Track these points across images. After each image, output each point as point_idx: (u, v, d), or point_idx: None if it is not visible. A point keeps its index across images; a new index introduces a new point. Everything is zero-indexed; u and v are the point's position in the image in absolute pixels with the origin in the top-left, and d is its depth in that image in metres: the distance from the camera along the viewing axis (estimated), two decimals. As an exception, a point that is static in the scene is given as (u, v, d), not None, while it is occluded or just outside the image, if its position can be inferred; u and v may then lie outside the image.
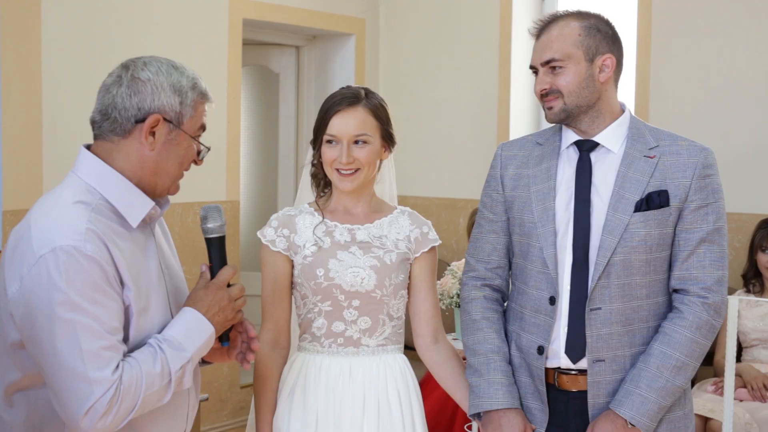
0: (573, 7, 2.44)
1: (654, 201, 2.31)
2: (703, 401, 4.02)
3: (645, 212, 2.31)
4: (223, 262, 2.14)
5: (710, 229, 2.33)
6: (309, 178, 2.58)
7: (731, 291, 4.41)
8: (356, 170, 2.44)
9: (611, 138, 2.39)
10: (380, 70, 5.95)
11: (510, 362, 2.44)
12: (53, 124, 4.27)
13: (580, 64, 2.33)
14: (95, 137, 2.05)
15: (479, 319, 2.45)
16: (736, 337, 3.44)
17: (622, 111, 2.43)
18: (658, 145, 2.37)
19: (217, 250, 2.14)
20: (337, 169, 2.44)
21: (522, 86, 5.50)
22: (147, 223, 2.08)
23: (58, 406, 1.90)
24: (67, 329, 1.85)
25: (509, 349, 2.45)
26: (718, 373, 4.16)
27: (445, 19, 5.68)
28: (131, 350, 1.97)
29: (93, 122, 2.04)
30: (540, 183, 2.40)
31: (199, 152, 2.09)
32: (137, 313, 1.97)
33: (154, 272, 2.07)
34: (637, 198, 2.32)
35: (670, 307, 2.39)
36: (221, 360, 2.28)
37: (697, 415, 3.95)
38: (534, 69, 2.40)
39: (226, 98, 5.03)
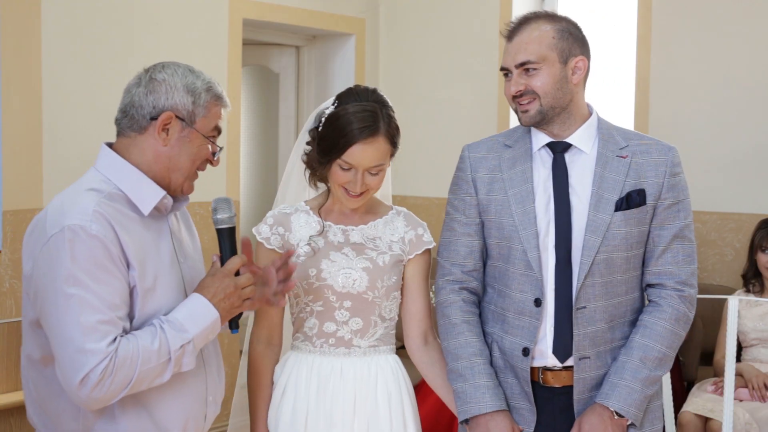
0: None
1: (634, 200, 2.36)
2: (703, 401, 4.02)
3: (625, 211, 2.35)
4: (233, 253, 2.23)
5: (682, 225, 2.39)
6: (299, 167, 2.56)
7: (731, 291, 4.42)
8: (365, 191, 2.44)
9: (582, 139, 2.41)
10: (380, 70, 5.95)
11: (492, 364, 2.44)
12: (53, 124, 4.27)
13: (555, 65, 2.34)
14: (117, 134, 2.20)
15: (459, 323, 2.45)
16: (736, 337, 3.45)
17: (590, 113, 2.45)
18: (627, 145, 2.41)
19: (226, 241, 2.23)
20: (345, 189, 2.43)
21: (522, 86, 5.50)
22: (162, 213, 2.20)
23: (60, 376, 2.02)
24: (68, 302, 1.97)
25: (491, 351, 2.45)
26: (718, 373, 4.16)
27: (445, 19, 5.68)
28: (137, 329, 2.08)
29: (116, 120, 2.19)
30: (517, 186, 2.41)
31: (213, 153, 2.21)
32: (142, 293, 2.08)
33: (166, 258, 2.18)
34: (616, 197, 2.35)
35: (642, 301, 2.45)
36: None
37: (697, 415, 3.96)
38: (505, 71, 2.41)
39: (226, 98, 5.02)
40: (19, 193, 4.15)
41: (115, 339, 2.00)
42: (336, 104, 2.45)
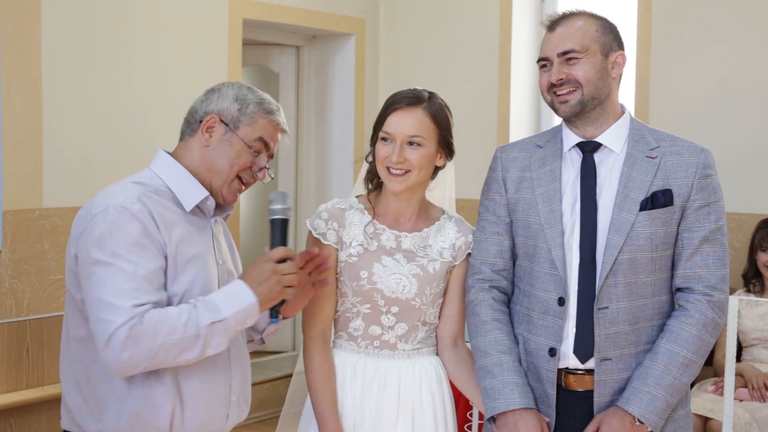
0: (574, 7, 2.46)
1: (659, 200, 2.34)
2: (703, 401, 4.02)
3: (650, 211, 2.33)
4: (282, 244, 2.28)
5: (712, 228, 2.36)
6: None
7: (731, 291, 4.42)
8: (406, 172, 2.42)
9: (613, 138, 2.40)
10: (380, 70, 5.95)
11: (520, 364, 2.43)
12: (53, 124, 4.27)
13: (597, 56, 2.36)
14: (179, 140, 2.37)
15: (489, 321, 2.44)
16: (736, 337, 3.45)
17: (623, 112, 2.45)
18: (659, 146, 2.40)
19: (277, 231, 2.29)
20: (388, 168, 2.43)
21: (522, 87, 5.50)
22: (205, 214, 2.33)
23: (95, 341, 2.12)
24: (105, 271, 2.11)
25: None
26: (718, 373, 4.16)
27: (445, 20, 5.68)
28: (169, 305, 2.17)
29: (181, 129, 2.36)
30: (545, 185, 2.41)
31: (257, 166, 2.31)
32: (173, 268, 2.19)
33: (205, 250, 2.29)
34: (641, 197, 2.34)
35: (672, 305, 2.41)
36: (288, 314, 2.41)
37: (697, 415, 3.95)
38: (544, 62, 2.41)
39: (226, 98, 5.03)
40: (19, 193, 4.16)
41: (143, 304, 2.09)
42: None
